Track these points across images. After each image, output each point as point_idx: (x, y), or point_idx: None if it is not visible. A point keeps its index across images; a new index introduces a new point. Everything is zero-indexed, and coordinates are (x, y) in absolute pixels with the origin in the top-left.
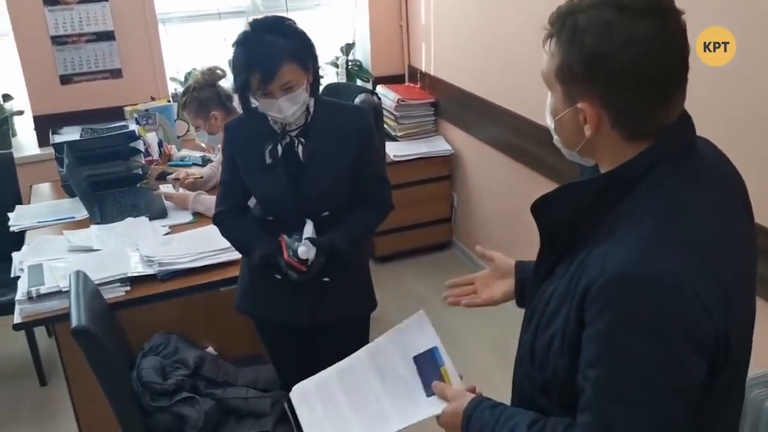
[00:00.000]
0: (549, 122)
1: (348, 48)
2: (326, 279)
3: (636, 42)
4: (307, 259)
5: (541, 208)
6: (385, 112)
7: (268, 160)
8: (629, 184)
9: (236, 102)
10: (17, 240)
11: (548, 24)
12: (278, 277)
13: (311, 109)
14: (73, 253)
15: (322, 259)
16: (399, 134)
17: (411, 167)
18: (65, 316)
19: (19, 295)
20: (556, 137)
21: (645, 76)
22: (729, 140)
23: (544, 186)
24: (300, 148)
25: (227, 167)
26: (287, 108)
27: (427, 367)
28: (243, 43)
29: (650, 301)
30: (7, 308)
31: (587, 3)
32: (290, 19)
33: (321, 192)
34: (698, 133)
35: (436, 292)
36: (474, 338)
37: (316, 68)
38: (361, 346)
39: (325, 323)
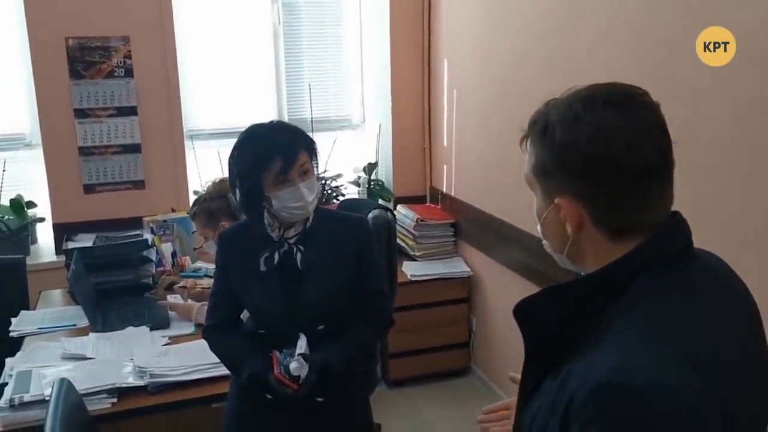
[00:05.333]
0: (538, 228)
1: (371, 167)
2: (320, 399)
3: (602, 131)
4: (299, 377)
5: (523, 313)
6: (404, 232)
7: (263, 268)
8: (615, 287)
9: None
10: (17, 346)
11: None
12: (269, 396)
13: (310, 217)
14: (65, 361)
15: (314, 377)
16: (417, 254)
17: (428, 288)
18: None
19: (2, 402)
20: (544, 242)
21: (615, 165)
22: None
23: None
24: (298, 256)
25: (218, 278)
26: (308, 194)
27: None
28: (250, 140)
29: (638, 413)
30: None
31: (558, 101)
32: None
33: (317, 303)
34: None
35: (451, 421)
36: None
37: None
38: None
39: None
